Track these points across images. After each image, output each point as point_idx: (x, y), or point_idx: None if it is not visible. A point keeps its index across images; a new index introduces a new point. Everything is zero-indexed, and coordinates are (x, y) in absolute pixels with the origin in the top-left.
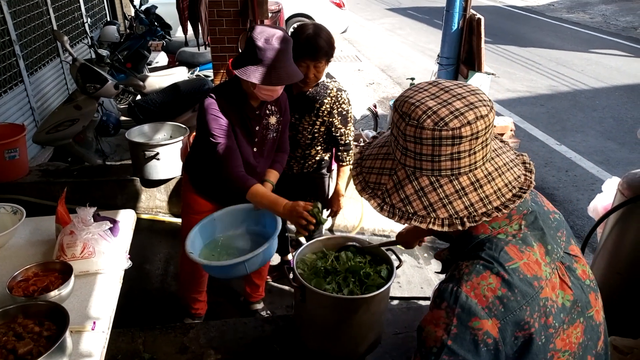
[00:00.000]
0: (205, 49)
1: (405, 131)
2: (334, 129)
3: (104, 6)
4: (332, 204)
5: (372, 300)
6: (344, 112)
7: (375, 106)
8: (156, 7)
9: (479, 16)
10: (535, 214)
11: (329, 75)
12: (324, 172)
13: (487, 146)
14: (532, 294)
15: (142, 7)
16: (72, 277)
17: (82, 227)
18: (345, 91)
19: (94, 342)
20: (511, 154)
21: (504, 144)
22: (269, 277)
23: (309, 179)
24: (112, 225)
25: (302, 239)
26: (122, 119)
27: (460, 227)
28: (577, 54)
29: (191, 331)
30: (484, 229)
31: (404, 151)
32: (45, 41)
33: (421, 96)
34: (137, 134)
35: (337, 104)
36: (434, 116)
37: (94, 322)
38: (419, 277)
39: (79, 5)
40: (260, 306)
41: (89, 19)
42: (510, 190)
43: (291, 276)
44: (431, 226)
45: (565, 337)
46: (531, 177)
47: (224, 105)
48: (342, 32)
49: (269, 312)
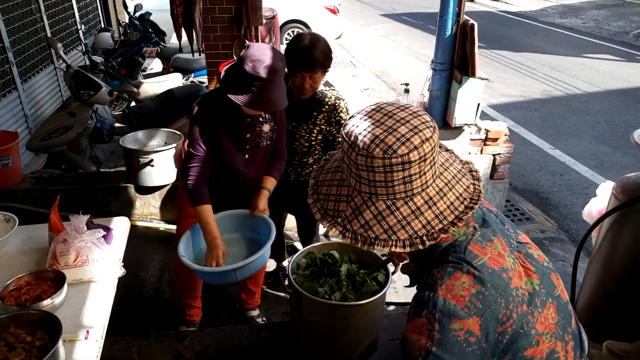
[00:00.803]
0: (199, 55)
1: (356, 160)
2: (331, 138)
3: (98, 13)
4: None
5: (368, 306)
6: (342, 121)
7: None
8: (150, 14)
9: (472, 22)
10: (482, 216)
11: (327, 83)
12: None
13: (434, 164)
14: (504, 286)
15: (137, 14)
16: (65, 285)
17: (76, 235)
18: (343, 100)
19: (87, 351)
20: (458, 165)
21: (449, 153)
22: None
23: (306, 187)
24: (105, 232)
25: (298, 245)
26: (116, 125)
27: (420, 247)
28: (570, 58)
29: (186, 339)
30: (446, 238)
31: (357, 179)
32: (39, 48)
33: (367, 124)
34: (131, 141)
35: (334, 112)
36: (382, 144)
37: (87, 331)
38: None
39: (73, 12)
40: (255, 313)
41: (83, 26)
42: (462, 202)
43: (286, 282)
44: (393, 249)
45: (543, 320)
46: (479, 186)
47: (213, 112)
48: (337, 38)
49: (264, 318)
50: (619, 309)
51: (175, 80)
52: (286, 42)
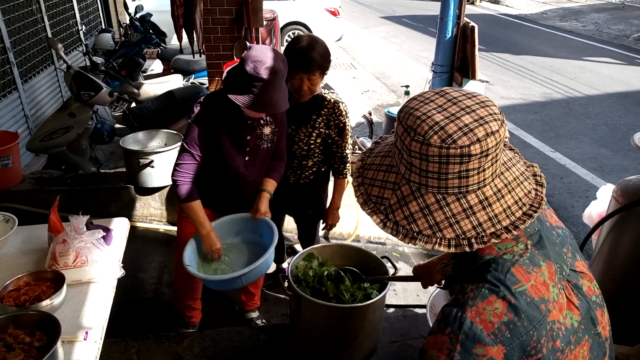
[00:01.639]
0: (200, 56)
1: (410, 146)
2: (330, 141)
3: (99, 14)
4: (328, 216)
5: (367, 308)
6: (341, 125)
7: (370, 114)
8: (151, 15)
9: (472, 24)
10: (539, 233)
11: (327, 86)
12: (322, 182)
13: (496, 162)
14: (540, 318)
15: (137, 15)
16: (64, 286)
17: (75, 236)
18: (343, 103)
19: (86, 352)
20: (521, 166)
21: (514, 153)
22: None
23: (306, 189)
24: (105, 233)
25: (298, 247)
26: (117, 126)
27: (467, 249)
28: (570, 61)
29: (185, 340)
30: (490, 250)
31: (408, 166)
32: (39, 49)
33: (427, 108)
34: (132, 142)
35: (333, 115)
36: (441, 132)
37: (86, 332)
38: (415, 284)
39: (74, 12)
40: (255, 315)
41: (84, 27)
42: (520, 207)
43: (286, 284)
44: (437, 247)
45: (572, 357)
46: (542, 192)
47: (215, 113)
48: (337, 40)
49: (264, 320)
50: (619, 312)
51: (175, 81)
52: (286, 43)
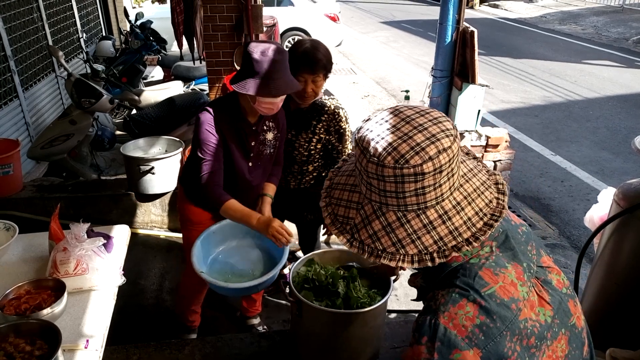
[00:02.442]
0: (200, 63)
1: (367, 168)
2: (330, 147)
3: (100, 21)
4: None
5: (369, 314)
6: (341, 130)
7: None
8: (151, 22)
9: (472, 29)
10: (506, 233)
11: (327, 92)
12: (322, 187)
13: (453, 176)
14: (511, 318)
15: (138, 22)
16: (65, 294)
17: (76, 244)
18: (343, 109)
19: None
20: (483, 176)
21: (476, 162)
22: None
23: (306, 195)
24: (106, 241)
25: (299, 253)
26: (117, 133)
27: (429, 264)
28: (570, 65)
29: (186, 347)
30: (457, 257)
31: (368, 186)
32: (40, 56)
33: (381, 129)
34: (132, 149)
35: (334, 121)
36: (394, 153)
37: (87, 340)
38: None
39: (75, 20)
40: (257, 321)
41: (85, 34)
42: (481, 218)
43: (287, 290)
44: (400, 263)
45: (550, 353)
46: (504, 200)
47: (221, 119)
48: (337, 46)
49: (265, 326)
50: (622, 316)
51: (176, 88)
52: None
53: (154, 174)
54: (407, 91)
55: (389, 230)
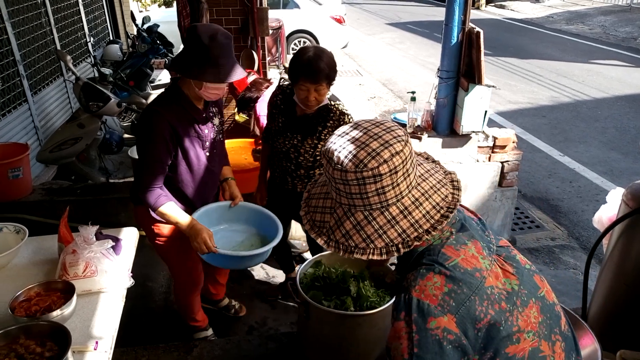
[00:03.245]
0: None
1: (333, 175)
2: None
3: (107, 26)
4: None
5: (377, 315)
6: None
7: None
8: (158, 26)
9: (478, 29)
10: (461, 221)
11: (333, 97)
12: None
13: (409, 176)
14: (477, 284)
15: (145, 26)
16: (75, 296)
17: (85, 246)
18: (349, 114)
19: None
20: (439, 175)
21: (434, 164)
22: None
23: None
24: (114, 243)
25: (307, 255)
26: (125, 136)
27: (396, 254)
28: (577, 64)
29: (195, 350)
30: (421, 243)
31: (337, 191)
32: (48, 61)
33: (343, 141)
34: None
35: (339, 127)
36: (354, 159)
37: (97, 342)
38: None
39: (82, 25)
40: (226, 301)
41: (92, 38)
42: (438, 211)
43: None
44: (371, 256)
45: (525, 317)
46: (458, 195)
47: (171, 117)
48: (343, 48)
49: (235, 302)
50: (632, 318)
51: None
52: (292, 52)
53: None
54: (413, 92)
55: (358, 228)
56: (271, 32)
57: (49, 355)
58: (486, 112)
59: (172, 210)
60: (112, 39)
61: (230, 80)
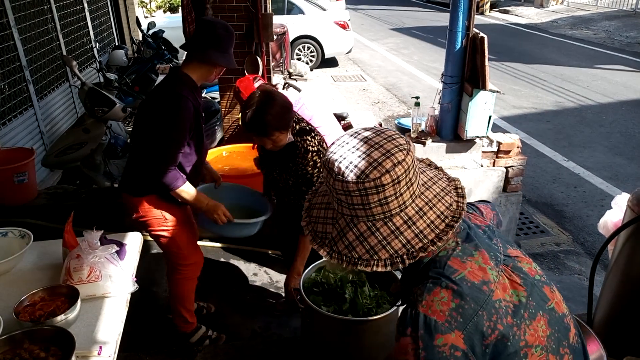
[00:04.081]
0: None
1: (335, 186)
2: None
3: (112, 31)
4: (289, 281)
5: (381, 321)
6: (308, 175)
7: (380, 125)
8: (163, 32)
9: (482, 35)
10: (466, 231)
11: (302, 131)
12: None
13: (412, 185)
14: (484, 299)
15: (150, 32)
16: (79, 301)
17: (89, 251)
18: (314, 151)
19: None
20: (443, 183)
21: (437, 171)
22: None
23: None
24: (118, 248)
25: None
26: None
27: (400, 265)
28: (582, 69)
29: (198, 355)
30: (427, 254)
31: (339, 202)
32: (54, 66)
33: (343, 151)
34: None
35: (301, 165)
36: (356, 170)
37: (100, 347)
38: None
39: (88, 30)
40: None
41: (98, 44)
42: (443, 220)
43: (298, 297)
44: (375, 268)
45: (532, 332)
46: (463, 203)
47: (195, 101)
48: (347, 53)
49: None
50: (638, 323)
51: None
52: (297, 57)
53: None
54: (417, 97)
55: (362, 239)
56: (275, 37)
57: None
58: (490, 117)
59: (191, 188)
60: (117, 44)
61: (234, 65)
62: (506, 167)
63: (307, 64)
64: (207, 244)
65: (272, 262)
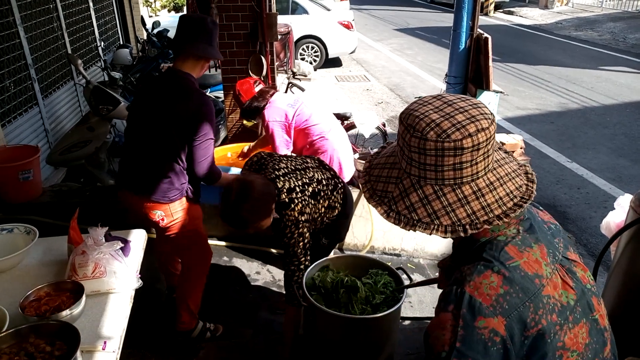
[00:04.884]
0: (215, 70)
1: (410, 142)
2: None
3: (117, 30)
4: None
5: (383, 320)
6: (284, 246)
7: (384, 125)
8: (168, 31)
9: (486, 35)
10: (530, 221)
11: (285, 204)
12: (343, 220)
13: (488, 157)
14: (534, 291)
15: (155, 31)
16: (84, 296)
17: (94, 247)
18: (294, 224)
19: None
20: (514, 165)
21: (507, 154)
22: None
23: (327, 225)
24: (123, 245)
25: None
26: None
27: (462, 234)
28: (586, 71)
29: (201, 352)
30: (485, 233)
31: (409, 161)
32: (59, 64)
33: (425, 109)
34: None
35: (281, 235)
36: (437, 128)
37: (105, 342)
38: (431, 296)
39: (93, 29)
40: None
41: (103, 43)
42: (511, 199)
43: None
44: (435, 232)
45: (572, 336)
46: (533, 187)
47: None
48: (351, 53)
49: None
50: (639, 324)
51: None
52: (300, 57)
53: None
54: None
55: (425, 202)
56: (280, 37)
57: (58, 354)
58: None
59: (221, 171)
60: (122, 43)
61: (221, 57)
62: None
63: (311, 63)
64: (210, 242)
65: (275, 261)
